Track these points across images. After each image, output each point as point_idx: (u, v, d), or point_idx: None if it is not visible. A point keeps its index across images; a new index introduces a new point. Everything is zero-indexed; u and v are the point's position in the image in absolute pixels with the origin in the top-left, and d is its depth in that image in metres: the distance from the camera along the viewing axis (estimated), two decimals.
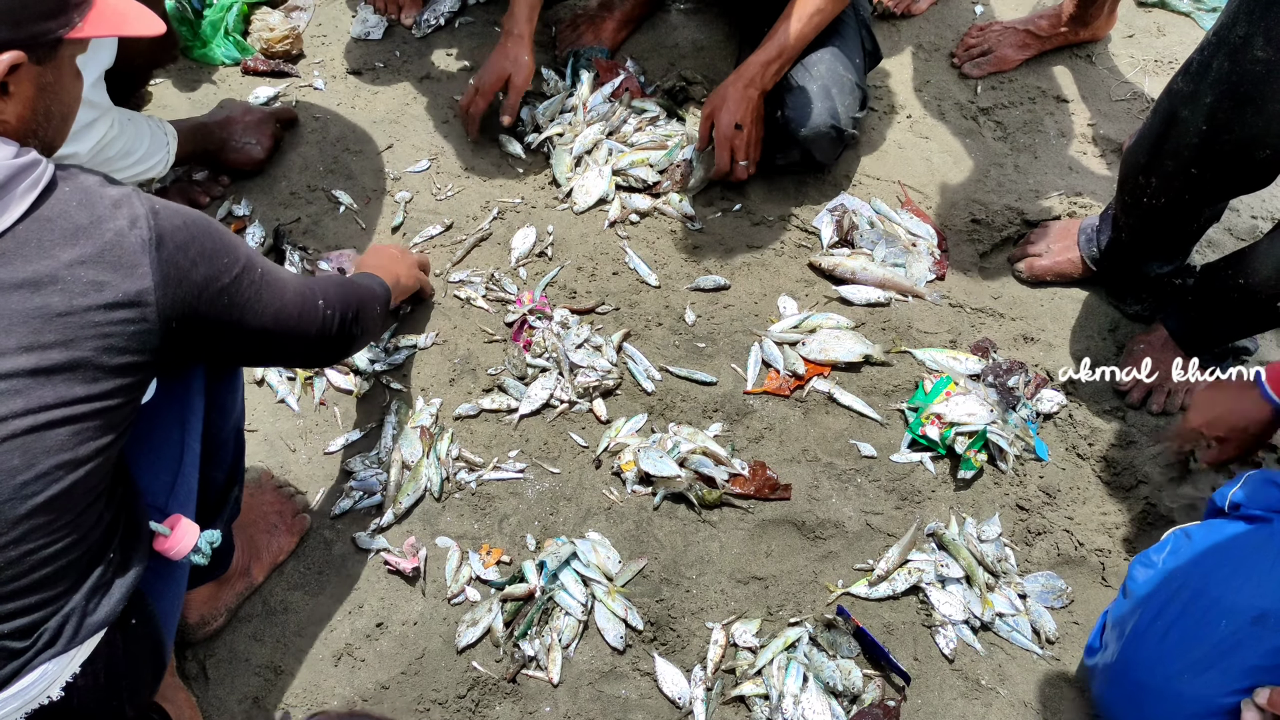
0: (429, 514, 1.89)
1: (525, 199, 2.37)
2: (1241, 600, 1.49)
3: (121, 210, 1.13)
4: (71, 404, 1.09)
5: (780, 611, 1.80)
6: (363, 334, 1.59)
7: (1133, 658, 1.60)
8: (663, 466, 1.90)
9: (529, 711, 1.68)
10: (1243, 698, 1.47)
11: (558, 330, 2.10)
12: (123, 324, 1.11)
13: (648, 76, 2.61)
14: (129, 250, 1.11)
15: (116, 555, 1.21)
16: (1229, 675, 1.48)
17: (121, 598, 1.21)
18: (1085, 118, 2.61)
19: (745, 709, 1.71)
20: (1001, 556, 1.87)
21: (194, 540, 1.31)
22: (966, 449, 1.96)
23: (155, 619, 1.34)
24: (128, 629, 1.27)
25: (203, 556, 1.33)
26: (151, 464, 1.35)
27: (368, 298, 1.62)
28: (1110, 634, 1.67)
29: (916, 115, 2.61)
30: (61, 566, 1.13)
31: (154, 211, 1.15)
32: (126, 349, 1.12)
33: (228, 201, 2.30)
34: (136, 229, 1.12)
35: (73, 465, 1.10)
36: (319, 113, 2.51)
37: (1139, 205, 1.98)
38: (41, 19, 1.12)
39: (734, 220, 2.36)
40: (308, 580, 1.80)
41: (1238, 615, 1.49)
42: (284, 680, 1.70)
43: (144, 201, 1.15)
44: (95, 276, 1.09)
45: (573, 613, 1.76)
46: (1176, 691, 1.53)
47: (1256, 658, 1.47)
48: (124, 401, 1.14)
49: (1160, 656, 1.55)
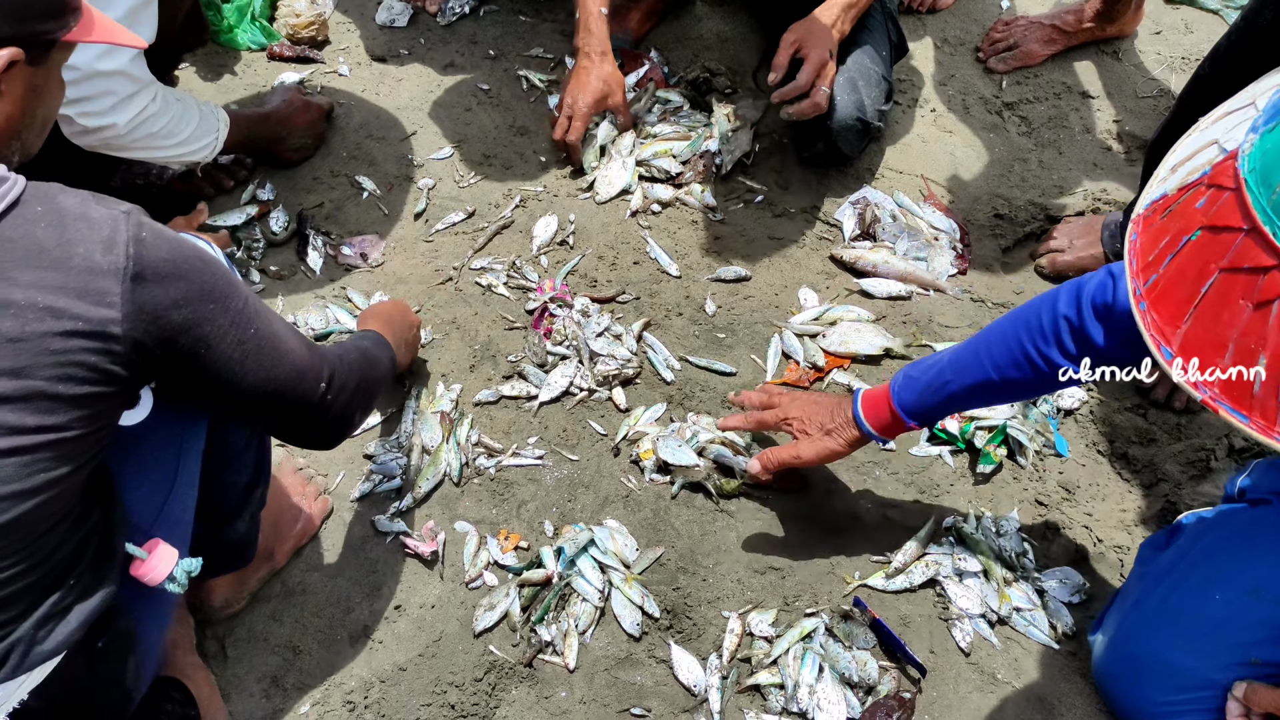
0: (448, 499, 1.90)
1: (547, 187, 2.38)
2: (1237, 573, 1.50)
3: (99, 233, 1.04)
4: (21, 434, 1.01)
5: (797, 602, 1.81)
6: (361, 416, 1.48)
7: (1130, 630, 1.62)
8: (681, 456, 1.90)
9: (545, 696, 1.69)
10: (1234, 673, 1.48)
11: (578, 319, 2.11)
12: (82, 354, 1.03)
13: (671, 67, 2.61)
14: (98, 278, 1.03)
15: (81, 580, 1.15)
16: (1222, 648, 1.49)
17: (81, 625, 1.15)
18: (1110, 114, 2.60)
19: (760, 698, 1.71)
20: (1020, 551, 1.87)
21: (170, 567, 1.24)
22: (986, 443, 1.95)
23: (130, 640, 1.29)
24: (93, 652, 1.21)
25: (178, 585, 1.25)
26: (140, 484, 1.29)
27: (376, 379, 1.52)
28: (1112, 610, 1.68)
29: (940, 109, 2.60)
30: (11, 593, 1.07)
31: (138, 240, 1.06)
32: (86, 380, 1.04)
33: (252, 186, 2.32)
34: (111, 256, 1.04)
35: (22, 496, 1.03)
36: (343, 99, 2.52)
37: None
38: (43, 18, 1.11)
39: (756, 211, 2.36)
40: (327, 562, 1.81)
41: (1233, 588, 1.50)
42: (302, 660, 1.71)
43: (130, 228, 1.07)
44: (53, 302, 1.01)
45: (590, 599, 1.77)
46: (1170, 663, 1.54)
47: (1250, 630, 1.48)
48: (84, 432, 1.07)
49: (1156, 628, 1.57)
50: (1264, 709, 1.45)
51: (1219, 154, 0.94)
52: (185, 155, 1.99)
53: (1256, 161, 0.89)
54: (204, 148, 2.02)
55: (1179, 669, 1.54)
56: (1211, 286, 0.92)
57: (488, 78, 2.59)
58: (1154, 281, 0.98)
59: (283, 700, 1.67)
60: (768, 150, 2.45)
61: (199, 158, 2.04)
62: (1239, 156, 0.91)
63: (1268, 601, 1.47)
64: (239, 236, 2.22)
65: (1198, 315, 0.93)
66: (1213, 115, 1.02)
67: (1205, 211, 0.93)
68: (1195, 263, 0.93)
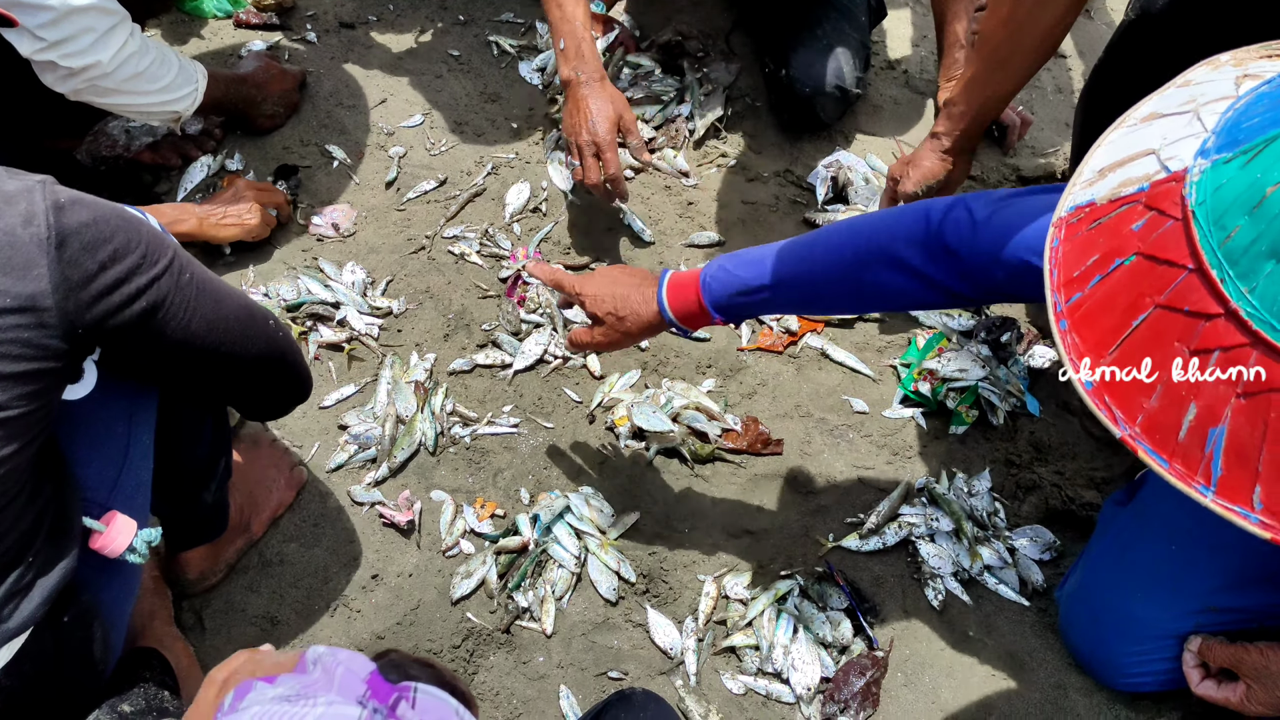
0: (424, 468, 1.90)
1: (519, 154, 2.36)
2: (1195, 524, 1.52)
3: (16, 207, 1.02)
4: None
5: (771, 565, 1.82)
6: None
7: (1092, 584, 1.64)
8: (656, 422, 1.91)
9: (523, 661, 1.71)
10: (1192, 621, 1.51)
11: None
12: (14, 330, 1.01)
13: (643, 32, 2.59)
14: (21, 250, 1.01)
15: (40, 556, 1.14)
16: (1180, 595, 1.52)
17: (43, 601, 1.14)
18: (1082, 73, 2.60)
19: (736, 659, 1.73)
20: (991, 511, 1.89)
21: (129, 538, 1.24)
22: (958, 405, 1.97)
23: (95, 612, 1.28)
24: (60, 627, 1.21)
25: (139, 556, 1.25)
26: (91, 459, 1.26)
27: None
28: (1076, 565, 1.71)
29: (913, 71, 2.60)
30: None
31: (56, 207, 1.05)
32: (22, 356, 1.02)
33: (220, 156, 2.29)
34: (32, 227, 1.02)
35: None
36: (311, 67, 2.49)
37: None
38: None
39: (728, 176, 2.35)
40: (303, 532, 1.82)
41: (1191, 538, 1.52)
42: (280, 630, 1.72)
43: (47, 195, 1.05)
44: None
45: (566, 565, 1.78)
46: (1132, 614, 1.57)
47: (1209, 578, 1.50)
48: (27, 409, 1.05)
49: (1117, 581, 1.59)
50: (1219, 664, 1.48)
51: (1159, 169, 0.87)
52: (168, 104, 1.95)
53: (1207, 195, 0.81)
54: (185, 97, 1.98)
55: (1140, 620, 1.57)
56: (1145, 321, 0.85)
57: (458, 43, 2.57)
58: (1078, 300, 0.91)
59: None
60: (740, 114, 2.44)
61: (181, 108, 1.99)
62: (1186, 182, 0.83)
63: (1225, 548, 1.49)
64: None
65: (1125, 349, 0.88)
66: (1141, 111, 0.95)
67: (1143, 236, 0.85)
68: (1128, 291, 0.86)
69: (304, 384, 1.52)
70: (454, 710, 0.82)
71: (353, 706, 0.77)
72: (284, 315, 2.05)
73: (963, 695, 1.70)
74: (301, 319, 2.05)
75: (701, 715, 1.64)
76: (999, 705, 1.70)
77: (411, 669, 1.10)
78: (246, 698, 0.83)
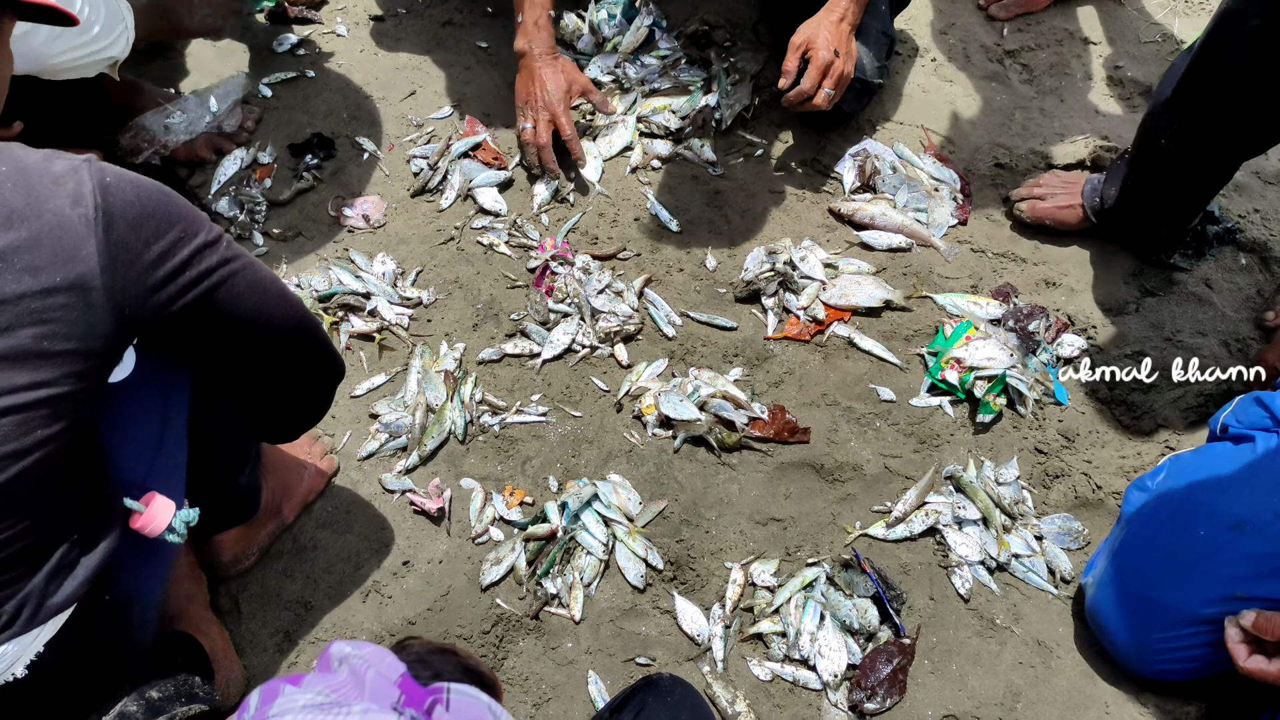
0: (453, 456, 1.93)
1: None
2: (1221, 508, 1.52)
3: (64, 187, 1.04)
4: (13, 393, 1.01)
5: (798, 552, 1.83)
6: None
7: (1118, 569, 1.64)
8: (683, 410, 1.92)
9: (551, 647, 1.72)
10: (1219, 609, 1.50)
11: (579, 276, 2.12)
12: (63, 310, 1.02)
13: (670, 21, 2.59)
14: (71, 232, 1.02)
15: (83, 535, 1.17)
16: (1207, 582, 1.52)
17: (87, 579, 1.17)
18: (1112, 60, 2.58)
19: (763, 646, 1.74)
20: (1019, 499, 1.89)
21: (169, 518, 1.26)
22: (986, 393, 1.97)
23: (133, 594, 1.31)
24: (100, 605, 1.24)
25: (177, 536, 1.27)
26: (129, 441, 1.28)
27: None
28: (1101, 551, 1.71)
29: (941, 59, 2.59)
30: (16, 551, 1.09)
31: (103, 186, 1.06)
32: (70, 335, 1.03)
33: (253, 149, 2.32)
34: (80, 207, 1.03)
35: (18, 455, 1.04)
36: (342, 59, 2.52)
37: (1156, 150, 1.96)
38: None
39: (756, 165, 2.36)
40: (336, 519, 1.85)
41: (1217, 522, 1.52)
42: (314, 615, 1.75)
43: (93, 174, 1.06)
44: (31, 261, 1.00)
45: (594, 552, 1.80)
46: (1157, 601, 1.56)
47: (1234, 565, 1.50)
48: (74, 389, 1.06)
49: (1143, 565, 1.59)
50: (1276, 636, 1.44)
51: None
52: (101, 52, 1.81)
53: None
54: (116, 40, 1.82)
55: (1166, 606, 1.56)
56: None
57: (486, 35, 2.59)
58: None
59: (295, 654, 1.71)
60: (767, 104, 2.44)
61: (115, 53, 1.85)
62: None
63: (1251, 536, 1.49)
64: (241, 199, 2.23)
65: None
66: None
67: None
68: None
69: (335, 361, 1.52)
70: (487, 707, 0.82)
71: (389, 715, 0.77)
72: (315, 306, 2.07)
73: (990, 683, 1.71)
74: (333, 309, 2.07)
75: (728, 701, 1.65)
76: (1026, 693, 1.70)
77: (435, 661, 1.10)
78: (275, 703, 0.81)
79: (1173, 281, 2.19)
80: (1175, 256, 2.19)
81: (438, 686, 0.83)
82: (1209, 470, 1.60)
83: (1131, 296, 2.17)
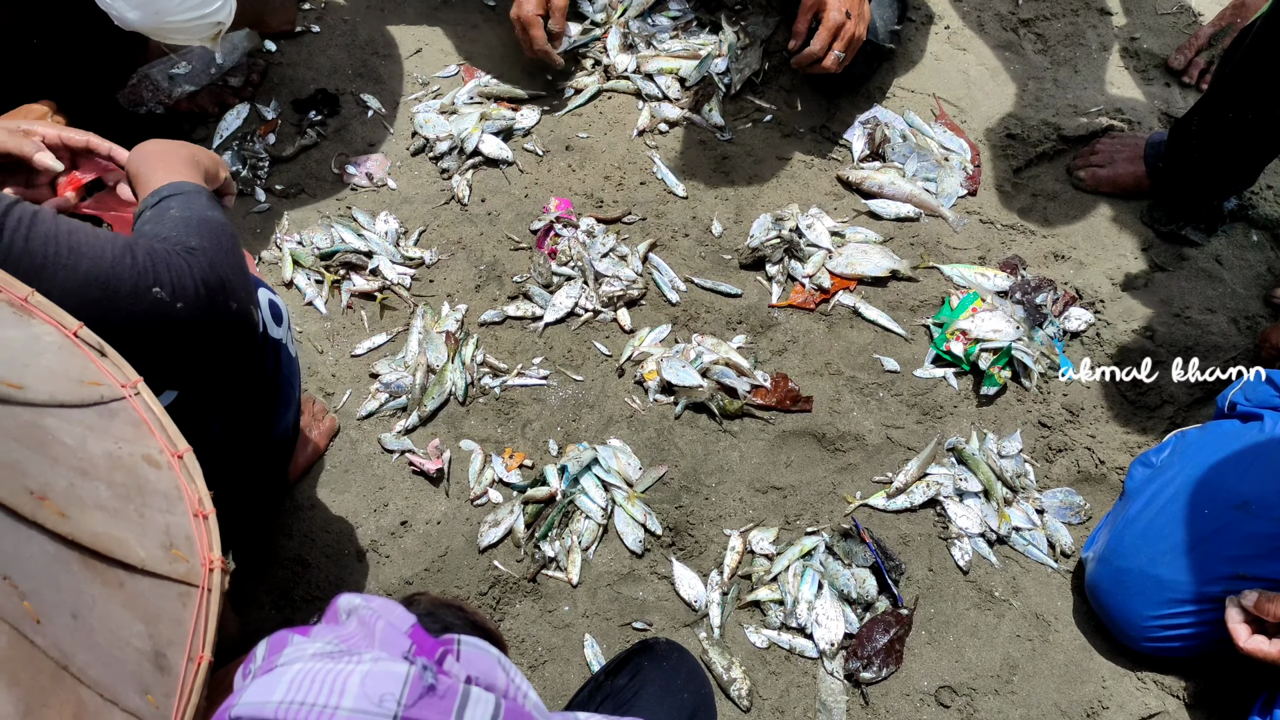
0: (453, 417, 1.92)
1: (554, 106, 2.35)
2: (1227, 488, 1.51)
3: None
4: None
5: (798, 521, 1.83)
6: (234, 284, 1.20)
7: (1119, 544, 1.64)
8: (685, 376, 1.91)
9: (548, 610, 1.72)
10: (1221, 588, 1.49)
11: (583, 239, 2.10)
12: None
13: None
14: None
15: None
16: (1208, 561, 1.51)
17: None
18: (1129, 31, 2.54)
19: (760, 613, 1.74)
20: (1021, 472, 1.88)
21: None
22: (990, 365, 1.95)
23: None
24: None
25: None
26: None
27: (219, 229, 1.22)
28: (1103, 526, 1.70)
29: (955, 26, 2.55)
30: None
31: None
32: None
33: (257, 104, 2.30)
34: None
35: None
36: (347, 15, 2.48)
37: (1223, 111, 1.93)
38: None
39: (764, 131, 2.33)
40: (334, 478, 1.84)
41: (1222, 501, 1.51)
42: (311, 574, 1.74)
43: None
44: None
45: (593, 516, 1.79)
46: (1158, 578, 1.56)
47: (1238, 545, 1.49)
48: None
49: (1145, 541, 1.58)
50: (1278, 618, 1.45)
51: None
52: (213, 15, 1.83)
53: None
54: (221, 6, 1.85)
55: (1167, 583, 1.56)
56: None
57: None
58: None
59: (292, 612, 1.71)
60: (777, 69, 2.41)
61: (222, 16, 1.86)
62: None
63: (1256, 517, 1.48)
64: (244, 154, 2.21)
65: None
66: None
67: None
68: None
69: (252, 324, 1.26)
70: (496, 660, 0.81)
71: (400, 663, 0.76)
72: (317, 264, 2.06)
73: (986, 655, 1.70)
74: (335, 267, 2.06)
75: (724, 667, 1.65)
76: (1023, 665, 1.70)
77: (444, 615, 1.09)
78: (284, 652, 0.80)
79: (1183, 257, 2.17)
80: (1188, 230, 2.17)
81: (448, 638, 0.82)
82: (1215, 448, 1.59)
83: (1141, 271, 2.15)
